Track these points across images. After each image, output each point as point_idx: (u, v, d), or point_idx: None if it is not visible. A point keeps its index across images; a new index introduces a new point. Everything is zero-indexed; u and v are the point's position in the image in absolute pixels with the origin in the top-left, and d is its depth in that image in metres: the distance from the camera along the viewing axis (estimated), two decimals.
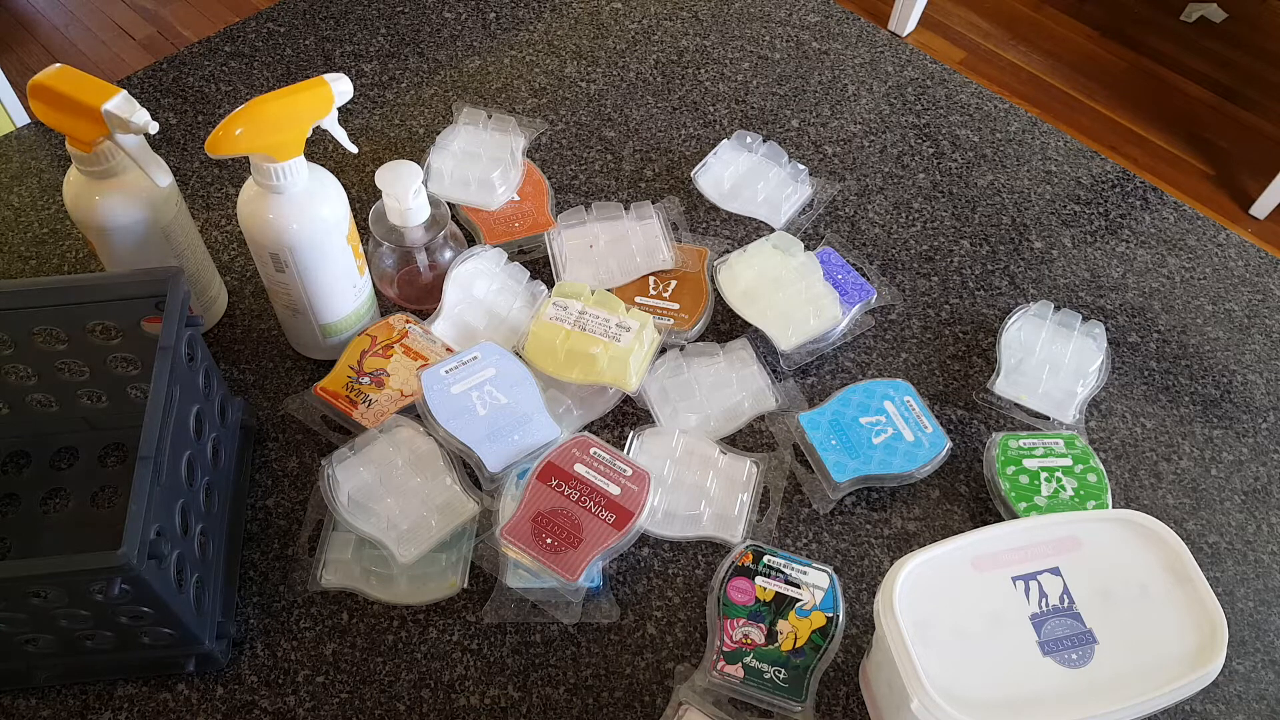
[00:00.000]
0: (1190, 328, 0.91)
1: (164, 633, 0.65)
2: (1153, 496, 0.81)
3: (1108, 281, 0.94)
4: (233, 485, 0.77)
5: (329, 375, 0.82)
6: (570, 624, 0.73)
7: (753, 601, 0.72)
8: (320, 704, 0.70)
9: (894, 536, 0.78)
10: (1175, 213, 0.99)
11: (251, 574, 0.75)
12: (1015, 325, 0.88)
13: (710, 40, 1.13)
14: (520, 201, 0.96)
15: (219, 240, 0.95)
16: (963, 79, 1.10)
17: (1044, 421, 0.84)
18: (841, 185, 1.00)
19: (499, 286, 0.88)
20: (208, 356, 0.74)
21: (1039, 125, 1.06)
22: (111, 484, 0.78)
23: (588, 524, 0.73)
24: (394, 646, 0.72)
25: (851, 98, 1.08)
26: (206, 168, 1.00)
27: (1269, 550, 0.79)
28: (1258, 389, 0.87)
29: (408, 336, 0.84)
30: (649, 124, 1.05)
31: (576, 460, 0.76)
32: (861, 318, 0.90)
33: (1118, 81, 2.40)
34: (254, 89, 1.07)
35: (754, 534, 0.77)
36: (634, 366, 0.81)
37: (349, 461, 0.77)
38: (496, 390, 0.80)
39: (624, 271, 0.91)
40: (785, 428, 0.83)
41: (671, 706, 0.69)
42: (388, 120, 1.05)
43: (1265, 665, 0.73)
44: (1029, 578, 0.62)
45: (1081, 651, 0.59)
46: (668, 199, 0.98)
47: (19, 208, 0.97)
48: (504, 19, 1.15)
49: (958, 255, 0.95)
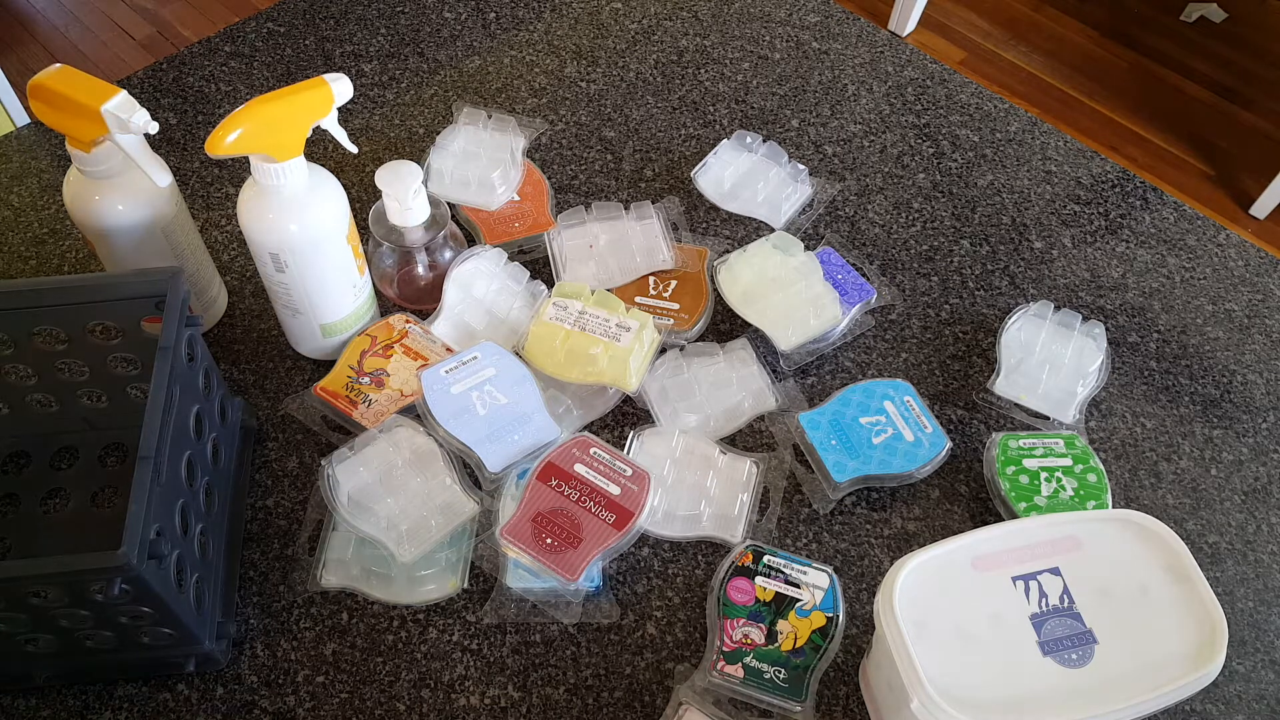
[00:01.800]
0: (1190, 328, 0.91)
1: (164, 633, 0.65)
2: (1153, 496, 0.81)
3: (1108, 281, 0.94)
4: (233, 485, 0.77)
5: (329, 375, 0.82)
6: (570, 624, 0.73)
7: (753, 601, 0.72)
8: (320, 704, 0.70)
9: (894, 536, 0.78)
10: (1175, 213, 0.99)
11: (251, 574, 0.75)
12: (1015, 325, 0.88)
13: (710, 40, 1.13)
14: (520, 201, 0.96)
15: (219, 240, 0.95)
16: (963, 79, 1.10)
17: (1044, 421, 0.84)
18: (841, 185, 1.00)
19: (499, 286, 0.88)
20: (208, 356, 0.74)
21: (1039, 125, 1.06)
22: (111, 484, 0.78)
23: (588, 524, 0.73)
24: (394, 646, 0.72)
25: (851, 98, 1.08)
26: (206, 168, 1.00)
27: (1269, 550, 0.79)
28: (1258, 389, 0.87)
29: (408, 336, 0.84)
30: (649, 124, 1.05)
31: (576, 460, 0.76)
32: (861, 318, 0.90)
33: (1118, 81, 2.40)
34: (254, 89, 1.07)
35: (754, 534, 0.77)
36: (634, 366, 0.81)
37: (349, 462, 0.77)
38: (496, 390, 0.80)
39: (624, 271, 0.91)
40: (785, 428, 0.83)
41: (671, 706, 0.69)
42: (388, 120, 1.05)
43: (1265, 665, 0.73)
44: (1029, 578, 0.62)
45: (1081, 651, 0.59)
46: (668, 199, 0.98)
47: (19, 208, 0.97)
48: (504, 19, 1.15)
49: (958, 255, 0.96)
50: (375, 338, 0.84)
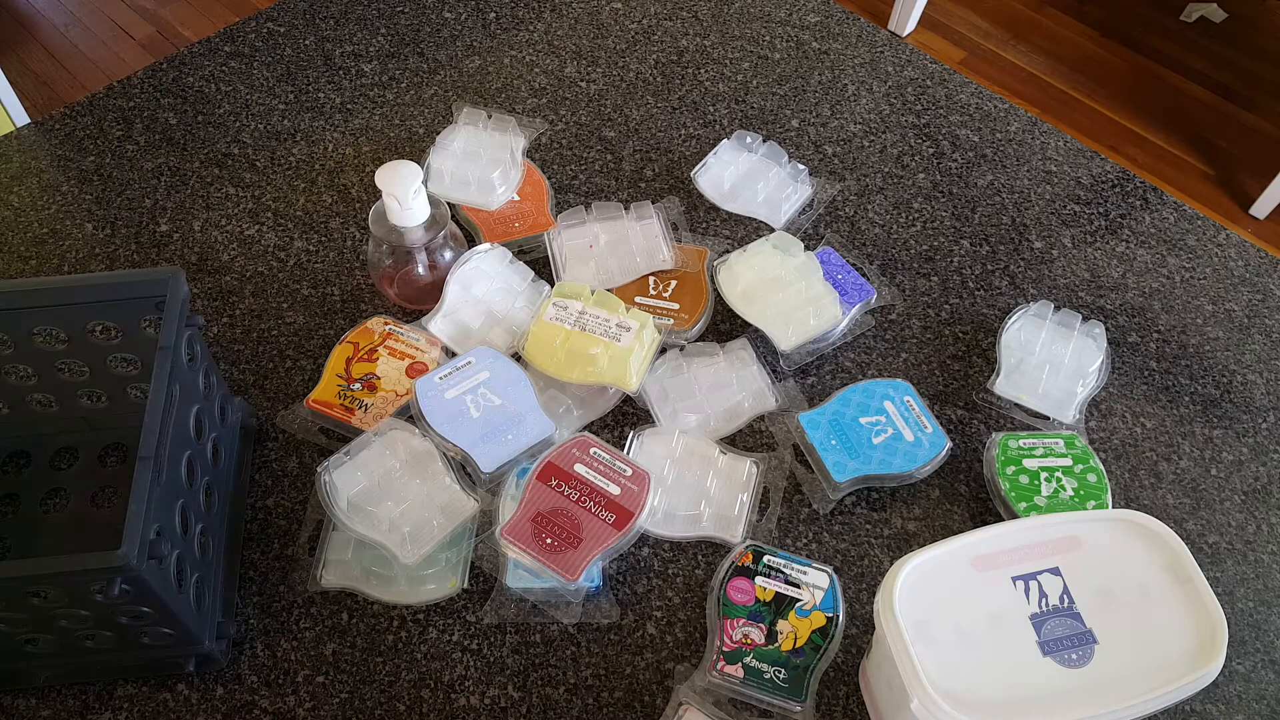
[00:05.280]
0: (1190, 328, 0.91)
1: (164, 633, 0.65)
2: (1153, 496, 0.81)
3: (1108, 281, 0.94)
4: (233, 485, 0.77)
5: (318, 386, 0.82)
6: (570, 624, 0.73)
7: (753, 601, 0.72)
8: (320, 704, 0.70)
9: (894, 536, 0.78)
10: (1175, 213, 0.99)
11: (251, 574, 0.75)
12: (1015, 325, 0.88)
13: (710, 40, 1.13)
14: (520, 201, 0.96)
15: (219, 240, 0.95)
16: (963, 79, 1.10)
17: (1044, 421, 0.84)
18: (841, 185, 1.00)
19: (499, 286, 0.88)
20: (208, 356, 0.74)
21: (1039, 125, 1.06)
22: (111, 484, 0.78)
23: (588, 524, 0.73)
24: (394, 646, 0.72)
25: (851, 98, 1.08)
26: (206, 168, 1.00)
27: (1269, 550, 0.79)
28: (1258, 389, 0.87)
29: (390, 338, 0.85)
30: (649, 124, 1.05)
31: (576, 460, 0.76)
32: (861, 318, 0.90)
33: (1118, 81, 2.40)
34: (254, 89, 1.07)
35: (754, 534, 0.77)
36: (634, 366, 0.81)
37: (345, 467, 0.77)
38: (490, 392, 0.80)
39: (624, 271, 0.91)
40: (785, 428, 0.83)
41: (671, 706, 0.69)
42: (388, 120, 1.05)
43: (1265, 665, 0.73)
44: (1029, 578, 0.62)
45: (1081, 651, 0.59)
46: (668, 199, 0.98)
47: (19, 208, 0.97)
48: (504, 19, 1.15)
49: (958, 255, 0.95)
50: (358, 344, 0.84)
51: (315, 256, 0.94)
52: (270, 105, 1.06)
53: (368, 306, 0.90)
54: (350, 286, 0.91)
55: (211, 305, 0.90)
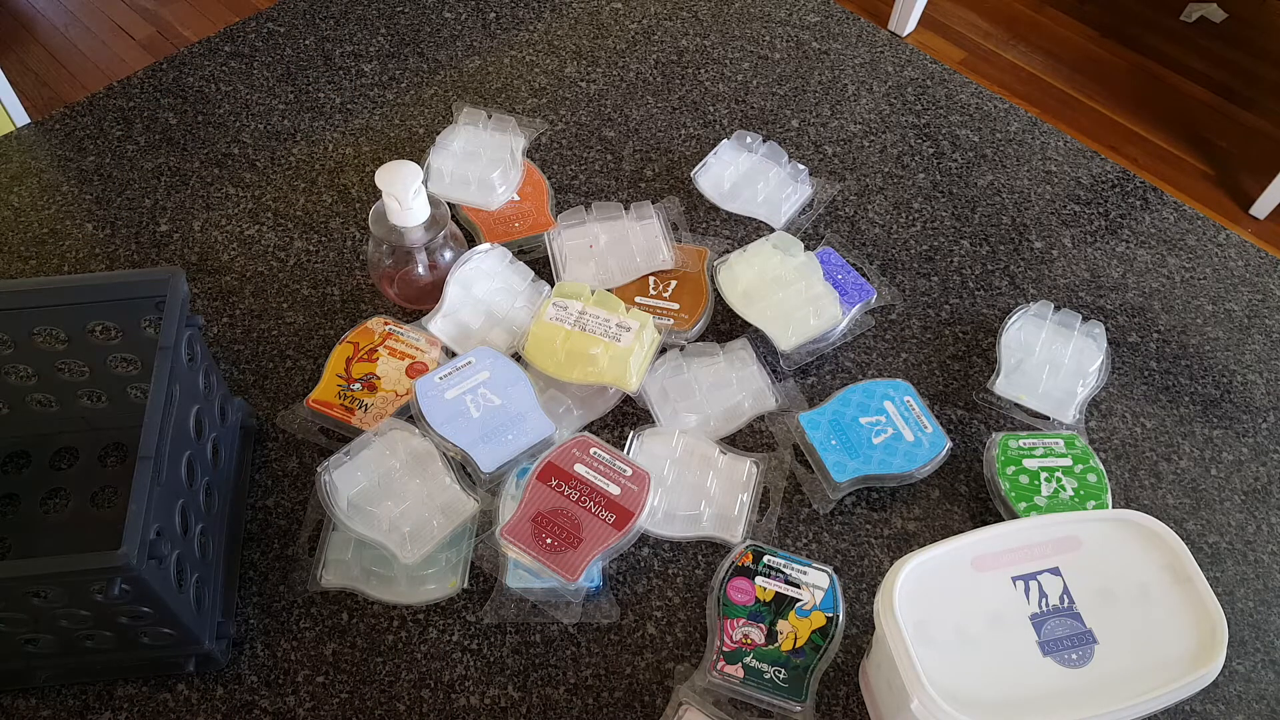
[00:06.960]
0: (1190, 328, 0.91)
1: (164, 633, 0.65)
2: (1153, 496, 0.81)
3: (1108, 281, 0.94)
4: (233, 485, 0.77)
5: (318, 386, 0.82)
6: (570, 624, 0.73)
7: (753, 601, 0.72)
8: (320, 704, 0.70)
9: (894, 536, 0.78)
10: (1175, 213, 0.99)
11: (251, 574, 0.75)
12: (1015, 325, 0.88)
13: (710, 40, 1.13)
14: (520, 201, 0.96)
15: (219, 240, 0.95)
16: (963, 79, 1.10)
17: (1044, 421, 0.84)
18: (841, 185, 1.00)
19: (500, 286, 0.88)
20: (208, 356, 0.74)
21: (1039, 125, 1.06)
22: (111, 484, 0.78)
23: (588, 524, 0.73)
24: (394, 646, 0.72)
25: (851, 98, 1.08)
26: (206, 168, 1.00)
27: (1269, 550, 0.79)
28: (1258, 389, 0.87)
29: (390, 338, 0.85)
30: (649, 124, 1.05)
31: (576, 460, 0.76)
32: (861, 318, 0.90)
33: (1118, 81, 2.40)
34: (254, 89, 1.07)
35: (754, 534, 0.77)
36: (634, 366, 0.81)
37: (345, 467, 0.77)
38: (490, 392, 0.80)
39: (624, 271, 0.91)
40: (785, 428, 0.83)
41: (671, 706, 0.69)
42: (388, 120, 1.05)
43: (1265, 665, 0.73)
44: (1029, 578, 0.62)
45: (1081, 651, 0.59)
46: (668, 199, 0.98)
47: (19, 208, 0.97)
48: (504, 19, 1.15)
49: (958, 255, 0.95)
50: (358, 344, 0.84)
51: (315, 256, 0.94)
52: (270, 105, 1.06)
53: (368, 306, 0.90)
54: (350, 286, 0.91)
55: (211, 305, 0.90)
